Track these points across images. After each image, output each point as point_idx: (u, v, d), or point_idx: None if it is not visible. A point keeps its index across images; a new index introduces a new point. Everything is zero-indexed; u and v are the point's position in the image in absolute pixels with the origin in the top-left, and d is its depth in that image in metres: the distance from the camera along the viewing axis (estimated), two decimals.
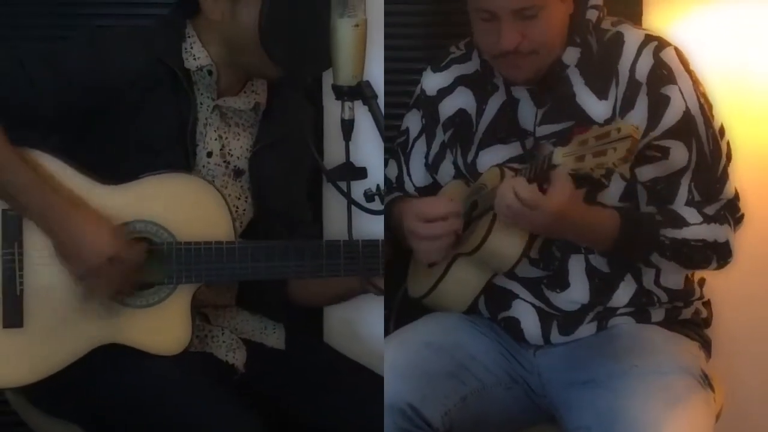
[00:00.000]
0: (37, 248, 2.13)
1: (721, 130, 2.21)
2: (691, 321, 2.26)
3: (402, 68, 2.59)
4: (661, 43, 2.17)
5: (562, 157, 1.96)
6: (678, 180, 2.14)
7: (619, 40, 2.18)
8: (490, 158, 2.24)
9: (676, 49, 2.18)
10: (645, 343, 2.15)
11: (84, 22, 2.66)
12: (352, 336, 2.64)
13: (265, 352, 2.30)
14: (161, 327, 2.16)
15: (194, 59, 2.21)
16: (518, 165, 2.13)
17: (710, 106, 2.19)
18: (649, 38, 2.17)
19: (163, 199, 2.16)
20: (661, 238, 2.10)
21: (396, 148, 2.43)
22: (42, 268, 2.13)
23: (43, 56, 2.17)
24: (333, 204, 2.49)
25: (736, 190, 2.20)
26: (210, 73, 2.21)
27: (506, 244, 2.13)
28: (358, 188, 1.97)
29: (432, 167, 2.37)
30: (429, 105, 2.36)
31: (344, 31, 1.88)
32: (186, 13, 2.26)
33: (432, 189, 2.38)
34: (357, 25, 1.89)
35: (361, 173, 1.99)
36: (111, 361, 2.13)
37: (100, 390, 2.13)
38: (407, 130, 2.41)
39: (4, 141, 2.09)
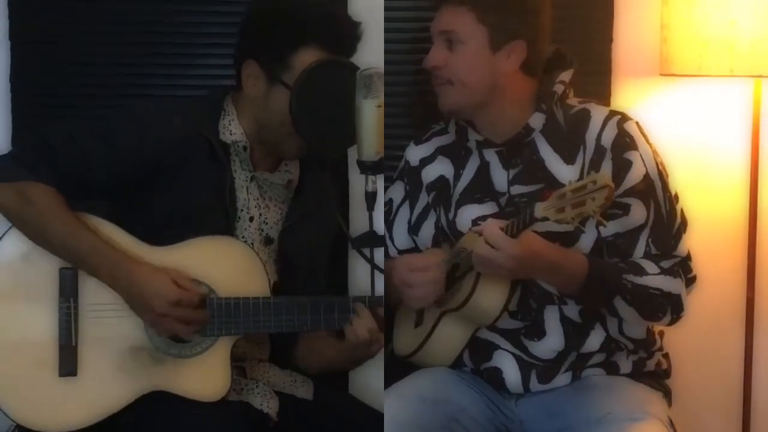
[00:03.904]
0: (91, 302, 2.26)
1: (676, 197, 2.36)
2: (654, 372, 2.40)
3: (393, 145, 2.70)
4: (624, 117, 2.33)
5: (543, 210, 2.09)
6: (637, 235, 2.28)
7: (585, 114, 2.34)
8: (467, 216, 2.37)
9: (637, 123, 2.34)
10: (616, 393, 2.28)
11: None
12: (375, 388, 2.69)
13: (295, 402, 2.41)
14: (203, 375, 2.27)
15: (230, 134, 2.35)
16: (501, 222, 2.22)
17: (667, 174, 2.35)
18: (613, 113, 2.35)
19: (205, 259, 2.29)
20: (624, 281, 2.23)
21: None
22: (95, 320, 2.26)
23: (92, 130, 2.31)
24: (357, 266, 2.62)
25: (689, 252, 2.34)
26: (245, 149, 2.35)
27: (489, 299, 2.27)
28: (379, 253, 2.11)
29: (414, 229, 2.49)
30: (413, 174, 2.50)
31: (368, 111, 2.04)
32: (227, 89, 2.41)
33: (413, 252, 2.50)
34: (379, 106, 2.04)
35: (383, 240, 2.15)
36: (156, 407, 2.24)
37: None
38: (390, 201, 2.54)
39: (67, 209, 2.25)
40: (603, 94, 2.74)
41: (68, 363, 2.26)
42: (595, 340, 2.34)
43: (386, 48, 2.62)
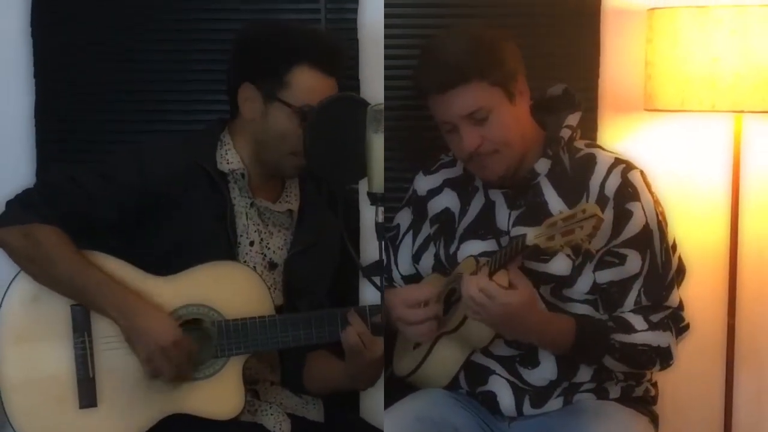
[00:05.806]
0: (104, 335, 2.32)
1: (674, 246, 2.42)
2: (642, 398, 2.47)
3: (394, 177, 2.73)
4: (629, 166, 2.37)
5: (534, 238, 2.16)
6: (630, 285, 2.33)
7: (591, 160, 2.38)
8: (469, 251, 2.42)
9: (641, 172, 2.38)
10: (605, 417, 2.35)
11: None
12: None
13: (307, 424, 2.47)
14: (218, 395, 2.33)
15: (228, 163, 2.42)
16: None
17: (666, 224, 2.40)
18: (618, 161, 2.38)
19: (211, 284, 2.36)
20: (612, 341, 2.30)
21: (386, 241, 2.59)
22: (110, 352, 2.32)
23: (93, 170, 2.38)
24: (368, 291, 2.66)
25: (681, 301, 2.41)
26: (243, 176, 2.42)
27: (483, 324, 2.31)
28: None
29: (415, 258, 2.57)
30: (419, 203, 2.56)
31: (378, 145, 2.06)
32: (224, 120, 2.48)
33: (415, 278, 2.57)
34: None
35: None
36: (175, 430, 2.30)
37: None
38: (398, 225, 2.61)
39: (73, 248, 2.31)
40: (590, 129, 2.77)
41: (88, 395, 2.32)
42: (587, 370, 2.40)
43: (386, 84, 2.70)
